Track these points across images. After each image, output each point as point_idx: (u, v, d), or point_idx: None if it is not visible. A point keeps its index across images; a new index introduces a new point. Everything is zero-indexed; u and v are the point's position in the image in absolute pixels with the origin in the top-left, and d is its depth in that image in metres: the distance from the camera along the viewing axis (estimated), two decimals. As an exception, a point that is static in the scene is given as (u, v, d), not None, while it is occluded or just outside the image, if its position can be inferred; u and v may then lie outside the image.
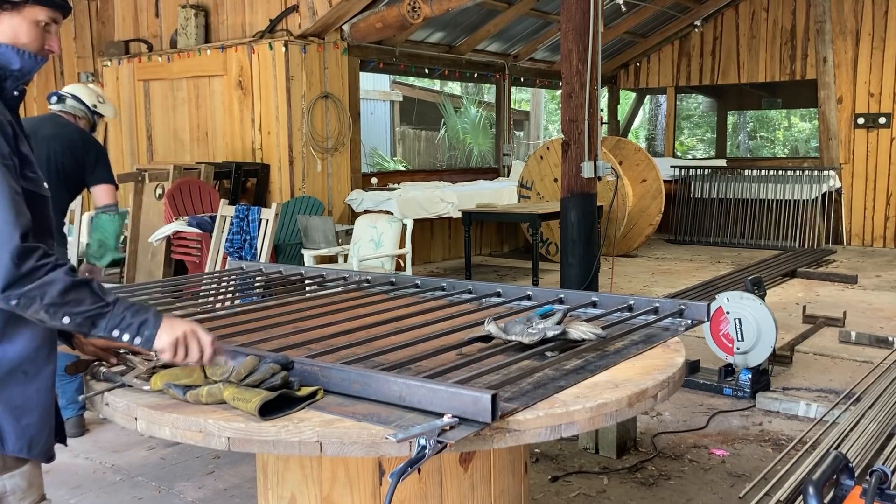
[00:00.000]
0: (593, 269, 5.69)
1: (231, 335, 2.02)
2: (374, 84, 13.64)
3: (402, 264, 6.16)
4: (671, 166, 11.33)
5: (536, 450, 3.69)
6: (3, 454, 1.57)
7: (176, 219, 6.46)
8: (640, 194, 9.63)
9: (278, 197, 7.63)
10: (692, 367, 4.58)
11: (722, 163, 11.79)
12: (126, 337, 1.54)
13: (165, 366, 1.66)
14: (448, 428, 1.36)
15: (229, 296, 2.77)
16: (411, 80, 14.16)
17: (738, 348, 4.36)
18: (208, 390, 1.53)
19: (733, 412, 4.24)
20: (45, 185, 1.67)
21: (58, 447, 1.75)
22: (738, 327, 4.34)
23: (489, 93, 14.83)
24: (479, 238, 10.15)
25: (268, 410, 1.45)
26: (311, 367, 1.62)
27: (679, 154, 14.59)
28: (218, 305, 2.60)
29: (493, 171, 11.10)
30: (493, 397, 1.38)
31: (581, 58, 5.41)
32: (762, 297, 4.49)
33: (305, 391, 1.51)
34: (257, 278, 2.93)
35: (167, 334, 1.56)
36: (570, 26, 5.44)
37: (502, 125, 11.02)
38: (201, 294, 2.80)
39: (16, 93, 1.68)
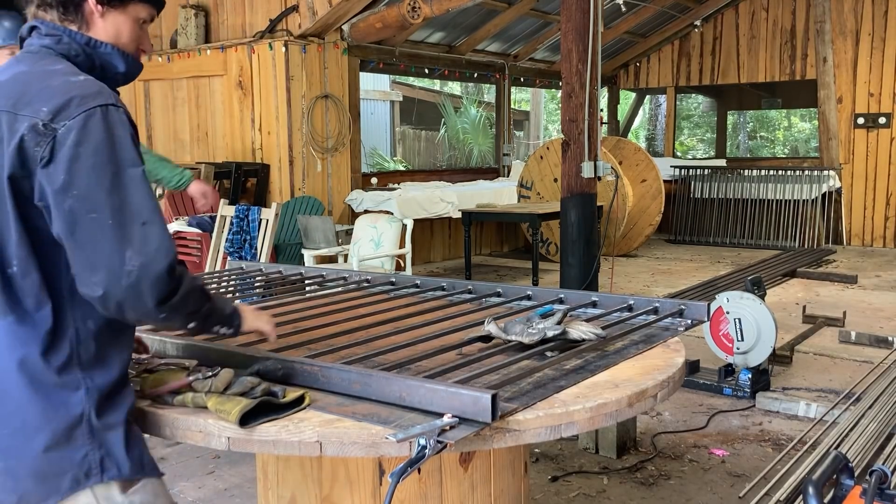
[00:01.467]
0: (593, 269, 5.69)
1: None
2: (374, 84, 13.64)
3: (402, 264, 6.17)
4: (671, 166, 11.34)
5: (536, 450, 3.69)
6: (130, 479, 1.45)
7: (176, 219, 6.47)
8: (640, 194, 9.63)
9: (278, 197, 7.63)
10: (692, 367, 4.58)
11: (722, 163, 11.80)
12: (223, 331, 1.60)
13: (151, 370, 1.66)
14: (448, 428, 1.36)
15: (229, 296, 2.77)
16: (411, 80, 14.16)
17: (737, 348, 4.36)
18: (193, 397, 1.53)
19: (733, 412, 4.24)
20: None
21: None
22: (737, 327, 4.34)
23: (489, 93, 14.83)
24: (479, 238, 10.15)
25: (253, 417, 1.45)
26: (311, 368, 1.62)
27: (679, 154, 14.59)
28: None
29: (493, 171, 11.10)
30: (493, 397, 1.38)
31: (581, 58, 5.41)
32: (762, 297, 4.49)
33: (291, 396, 1.51)
34: (257, 278, 2.93)
35: (247, 324, 1.66)
36: (570, 26, 5.44)
37: (502, 125, 11.02)
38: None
39: None
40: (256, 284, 2.90)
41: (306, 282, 2.88)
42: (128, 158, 1.36)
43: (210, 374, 1.58)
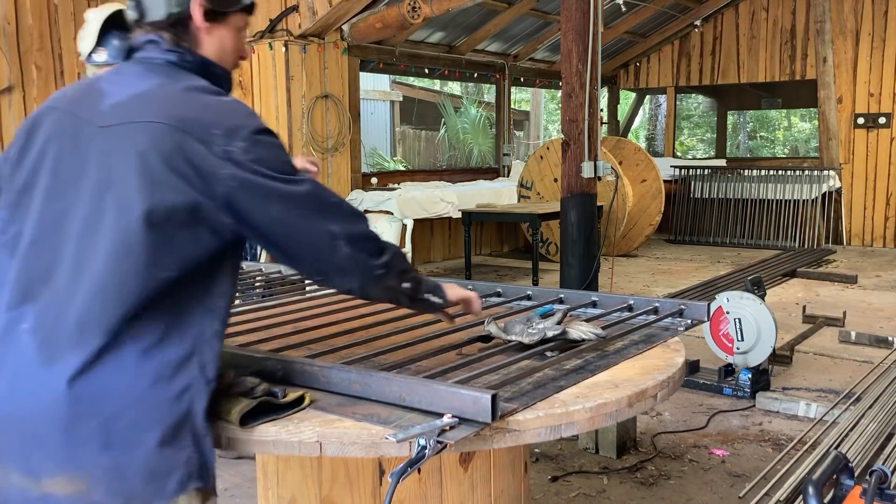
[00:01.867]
0: (593, 269, 5.69)
1: (231, 335, 2.03)
2: (374, 84, 13.64)
3: (402, 264, 6.16)
4: (671, 166, 11.34)
5: (536, 450, 3.69)
6: (206, 490, 1.41)
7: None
8: (640, 194, 9.63)
9: (278, 197, 7.63)
10: (692, 367, 4.58)
11: (722, 163, 11.80)
12: (435, 299, 1.68)
13: None
14: (448, 428, 1.36)
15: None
16: (411, 80, 14.16)
17: (737, 348, 4.36)
18: None
19: (733, 412, 4.24)
20: None
21: None
22: (737, 327, 4.34)
23: (489, 93, 14.83)
24: (479, 238, 10.15)
25: (252, 417, 1.45)
26: (311, 368, 1.62)
27: (679, 154, 14.59)
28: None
29: (493, 171, 11.10)
30: (493, 397, 1.38)
31: (581, 58, 5.41)
32: (762, 296, 4.49)
33: (291, 397, 1.51)
34: (257, 278, 2.94)
35: (452, 293, 1.74)
36: (570, 26, 5.44)
37: (502, 125, 11.03)
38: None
39: None
40: (256, 284, 2.90)
41: (306, 282, 2.88)
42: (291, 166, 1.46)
43: None
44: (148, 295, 1.36)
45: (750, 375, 4.37)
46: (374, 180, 8.96)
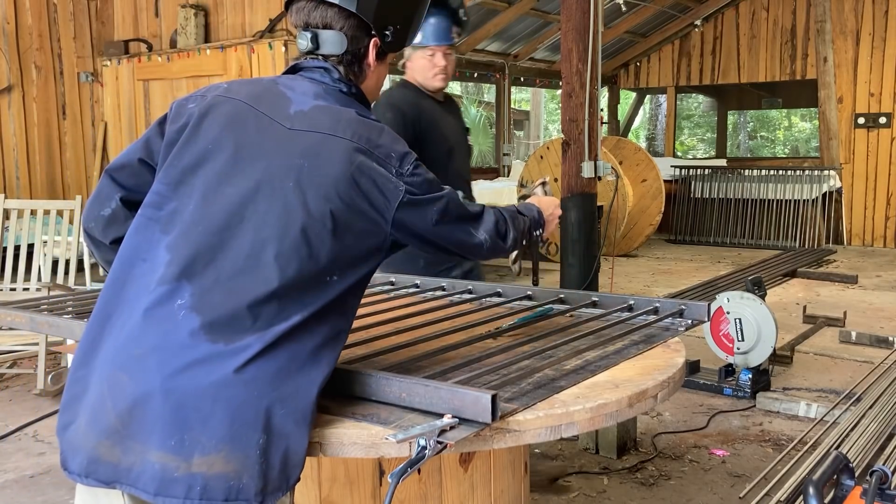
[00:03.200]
0: (593, 269, 5.69)
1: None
2: (374, 84, 13.63)
3: (402, 264, 6.15)
4: (671, 166, 11.33)
5: (536, 450, 3.69)
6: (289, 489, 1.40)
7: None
8: (640, 194, 9.63)
9: (278, 197, 7.63)
10: (692, 367, 4.58)
11: (722, 163, 11.80)
12: (539, 231, 1.94)
13: None
14: (448, 428, 1.36)
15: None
16: (411, 79, 14.15)
17: (738, 348, 4.36)
18: None
19: (733, 412, 4.24)
20: None
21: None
22: (738, 327, 4.34)
23: (489, 93, 14.83)
24: (479, 238, 10.14)
25: None
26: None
27: (679, 154, 14.59)
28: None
29: (493, 171, 11.10)
30: (493, 397, 1.38)
31: (581, 57, 5.41)
32: (762, 297, 4.49)
33: None
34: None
35: (547, 217, 2.00)
36: (570, 26, 5.44)
37: (502, 125, 11.02)
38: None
39: None
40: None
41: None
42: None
43: None
44: (319, 293, 1.43)
45: (750, 376, 4.37)
46: (374, 180, 8.95)
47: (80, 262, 5.09)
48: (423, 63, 2.92)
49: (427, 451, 1.31)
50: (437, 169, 1.73)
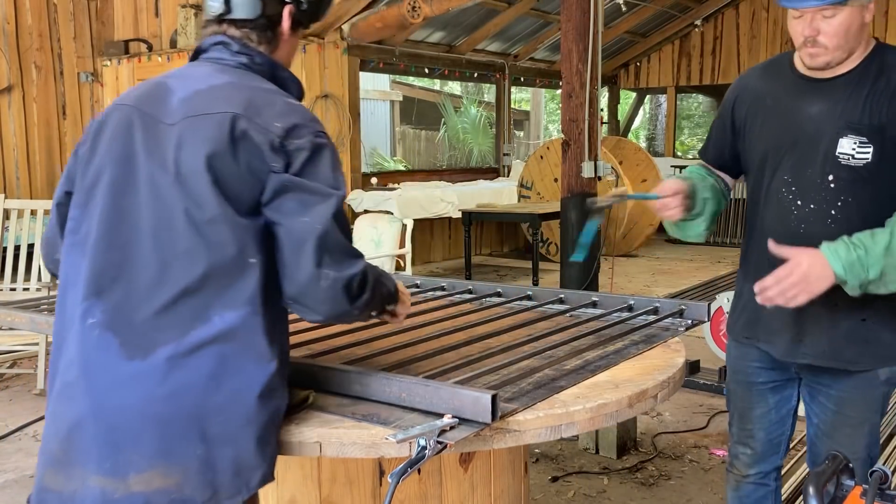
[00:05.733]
0: (593, 269, 5.68)
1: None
2: (374, 84, 13.63)
3: (402, 264, 6.16)
4: (671, 166, 11.32)
5: (536, 450, 3.69)
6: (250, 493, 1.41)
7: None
8: (641, 194, 9.61)
9: (278, 197, 7.62)
10: (692, 367, 4.56)
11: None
12: (390, 308, 1.64)
13: None
14: (448, 428, 1.36)
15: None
16: (411, 79, 14.15)
17: (738, 348, 4.35)
18: None
19: (733, 412, 4.23)
20: None
21: None
22: (738, 327, 4.33)
23: (489, 93, 14.82)
24: (479, 238, 10.14)
25: None
26: (311, 368, 1.62)
27: (679, 154, 14.58)
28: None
29: (493, 171, 11.10)
30: (493, 398, 1.38)
31: (581, 57, 5.41)
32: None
33: (297, 398, 1.51)
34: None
35: (401, 296, 1.67)
36: (570, 26, 5.44)
37: (502, 125, 11.02)
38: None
39: None
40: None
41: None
42: (341, 182, 1.46)
43: None
44: (238, 283, 1.38)
45: (750, 375, 4.37)
46: (374, 180, 8.95)
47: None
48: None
49: (427, 451, 1.31)
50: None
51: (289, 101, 1.49)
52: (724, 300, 4.42)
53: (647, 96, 14.61)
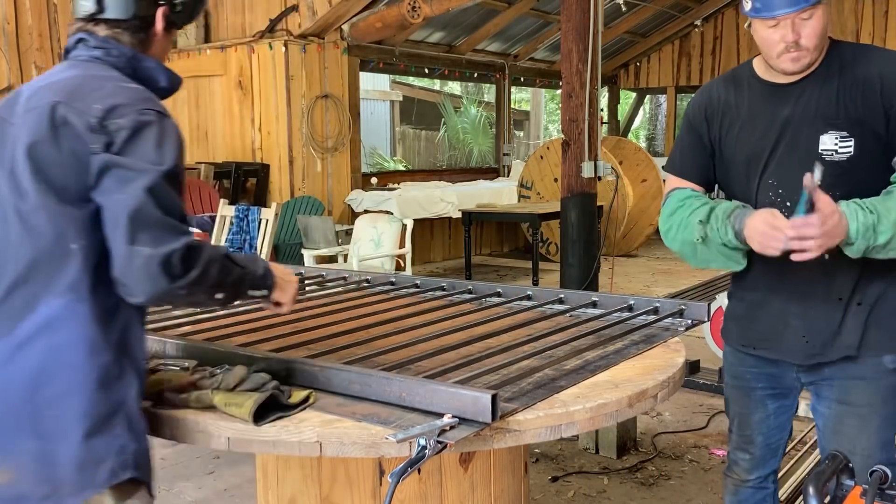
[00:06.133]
0: (593, 269, 5.68)
1: (231, 335, 2.02)
2: (374, 84, 13.63)
3: (402, 264, 6.16)
4: (671, 166, 11.31)
5: (536, 450, 3.69)
6: (141, 481, 1.45)
7: (176, 219, 6.45)
8: (641, 194, 9.63)
9: (278, 197, 7.63)
10: (692, 367, 4.55)
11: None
12: (258, 294, 1.60)
13: (153, 370, 1.66)
14: (448, 428, 1.36)
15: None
16: (411, 79, 14.15)
17: (738, 348, 4.35)
18: (197, 395, 1.52)
19: (733, 412, 4.23)
20: None
21: None
22: (738, 327, 4.33)
23: (489, 93, 14.82)
24: (479, 238, 10.14)
25: (260, 416, 1.45)
26: (311, 368, 1.62)
27: (679, 154, 14.57)
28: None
29: (493, 171, 11.10)
30: (493, 397, 1.38)
31: (581, 57, 5.41)
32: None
33: (298, 397, 1.51)
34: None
35: (275, 292, 1.64)
36: (570, 26, 5.44)
37: (502, 125, 11.02)
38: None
39: None
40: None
41: (306, 282, 2.88)
42: (167, 157, 1.43)
43: (219, 371, 1.58)
44: (63, 269, 1.39)
45: (750, 375, 4.37)
46: (374, 180, 8.96)
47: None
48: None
49: (427, 451, 1.31)
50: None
51: (121, 85, 1.48)
52: (724, 300, 4.42)
53: (647, 96, 14.61)
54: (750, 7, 1.95)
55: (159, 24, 1.58)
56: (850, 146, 1.87)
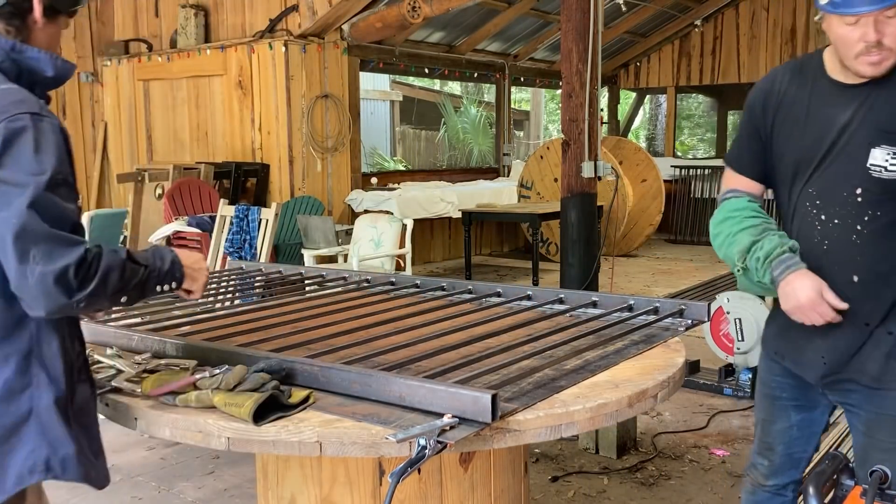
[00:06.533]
0: (593, 269, 5.68)
1: (231, 335, 2.02)
2: (374, 84, 13.63)
3: (402, 264, 6.16)
4: (671, 166, 11.33)
5: (536, 450, 3.69)
6: (65, 478, 1.47)
7: (176, 219, 6.47)
8: (640, 194, 9.63)
9: (278, 197, 7.63)
10: (692, 367, 4.57)
11: (722, 163, 11.79)
12: (167, 287, 1.57)
13: (152, 371, 1.66)
14: (448, 428, 1.36)
15: (229, 295, 2.77)
16: (411, 79, 14.15)
17: (738, 348, 4.36)
18: (197, 396, 1.52)
19: (734, 412, 4.23)
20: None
21: None
22: (738, 327, 4.34)
23: (489, 93, 14.82)
24: (479, 238, 10.14)
25: (260, 416, 1.45)
26: (311, 368, 1.62)
27: (679, 154, 14.58)
28: (218, 305, 2.60)
29: (493, 171, 11.10)
30: (493, 397, 1.38)
31: (581, 57, 5.41)
32: (762, 296, 4.49)
33: (297, 397, 1.51)
34: (257, 278, 2.93)
35: (188, 270, 1.61)
36: (570, 26, 5.44)
37: (502, 125, 11.02)
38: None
39: (42, 100, 1.61)
40: (256, 284, 2.90)
41: (306, 282, 2.88)
42: (47, 164, 1.37)
43: (218, 371, 1.58)
44: None
45: (750, 375, 4.37)
46: (374, 180, 8.96)
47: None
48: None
49: (427, 451, 1.31)
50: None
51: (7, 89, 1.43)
52: (724, 300, 4.43)
53: (647, 96, 14.61)
54: (826, 1, 1.70)
55: (37, 9, 1.51)
56: None
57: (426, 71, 9.83)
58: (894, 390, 1.81)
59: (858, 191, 1.76)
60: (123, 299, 1.47)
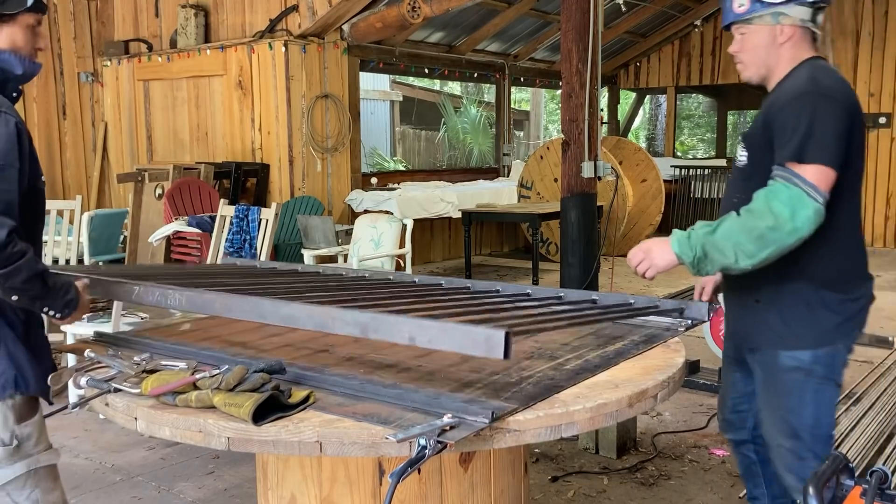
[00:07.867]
0: (593, 268, 5.68)
1: (230, 334, 2.02)
2: (374, 84, 13.63)
3: (402, 264, 6.16)
4: (671, 166, 11.33)
5: (536, 450, 3.69)
6: (26, 396, 1.75)
7: (176, 219, 6.46)
8: (640, 194, 9.63)
9: (278, 197, 7.63)
10: (692, 367, 4.58)
11: (722, 163, 11.79)
12: (52, 312, 1.80)
13: (153, 370, 1.66)
14: (448, 428, 1.36)
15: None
16: (411, 79, 14.15)
17: (738, 348, 4.35)
18: (197, 396, 1.52)
19: (733, 412, 4.23)
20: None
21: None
22: (738, 327, 4.33)
23: (489, 93, 14.82)
24: (479, 238, 10.15)
25: (260, 416, 1.45)
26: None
27: (679, 154, 14.59)
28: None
29: (493, 171, 11.10)
30: (507, 334, 1.34)
31: (581, 58, 5.41)
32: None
33: (297, 397, 1.51)
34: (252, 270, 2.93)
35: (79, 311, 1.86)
36: (570, 26, 5.44)
37: (502, 125, 11.02)
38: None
39: (14, 94, 1.83)
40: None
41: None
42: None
43: (218, 371, 1.58)
44: None
45: (750, 375, 4.37)
46: (373, 180, 8.96)
47: (80, 262, 5.09)
48: None
49: (427, 451, 1.31)
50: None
51: None
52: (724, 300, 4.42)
53: (647, 96, 14.61)
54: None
55: None
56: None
57: (426, 71, 9.83)
58: (766, 350, 2.16)
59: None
60: (15, 298, 1.71)
